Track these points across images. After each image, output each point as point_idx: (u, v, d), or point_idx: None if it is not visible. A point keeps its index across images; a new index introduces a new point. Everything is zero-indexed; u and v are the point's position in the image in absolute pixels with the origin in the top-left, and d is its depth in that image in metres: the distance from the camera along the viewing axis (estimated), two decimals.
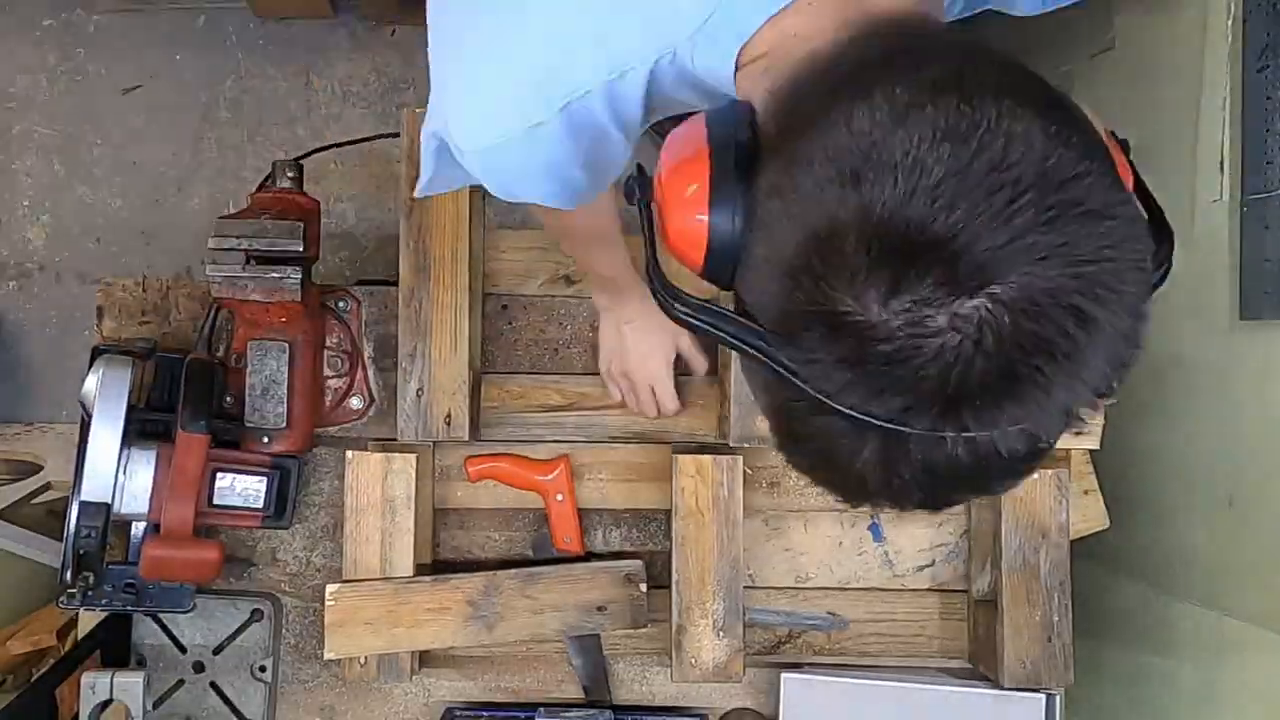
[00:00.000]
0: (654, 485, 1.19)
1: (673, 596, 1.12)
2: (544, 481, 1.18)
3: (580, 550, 1.19)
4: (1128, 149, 0.56)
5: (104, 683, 1.10)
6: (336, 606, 1.11)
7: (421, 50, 0.74)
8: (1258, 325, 1.08)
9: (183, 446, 1.06)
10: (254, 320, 1.11)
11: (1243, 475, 1.11)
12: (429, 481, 1.18)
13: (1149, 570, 1.26)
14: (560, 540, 1.19)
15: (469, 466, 1.18)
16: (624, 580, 1.15)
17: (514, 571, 1.15)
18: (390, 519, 1.11)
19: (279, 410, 1.13)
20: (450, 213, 1.12)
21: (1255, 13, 1.07)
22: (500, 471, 1.18)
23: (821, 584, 1.21)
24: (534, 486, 1.18)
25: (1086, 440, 1.14)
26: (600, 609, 1.14)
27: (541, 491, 1.18)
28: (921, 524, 1.20)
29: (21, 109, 2.14)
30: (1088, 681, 1.21)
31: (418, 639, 1.12)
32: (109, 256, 2.12)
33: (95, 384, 1.05)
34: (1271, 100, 1.05)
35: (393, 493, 1.11)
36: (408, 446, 1.15)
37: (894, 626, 1.20)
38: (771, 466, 1.20)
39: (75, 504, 1.04)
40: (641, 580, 1.15)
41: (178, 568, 1.07)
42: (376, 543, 1.11)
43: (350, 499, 1.12)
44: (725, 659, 1.11)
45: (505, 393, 1.18)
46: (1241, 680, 1.09)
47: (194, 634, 1.19)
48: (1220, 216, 1.12)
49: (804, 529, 1.21)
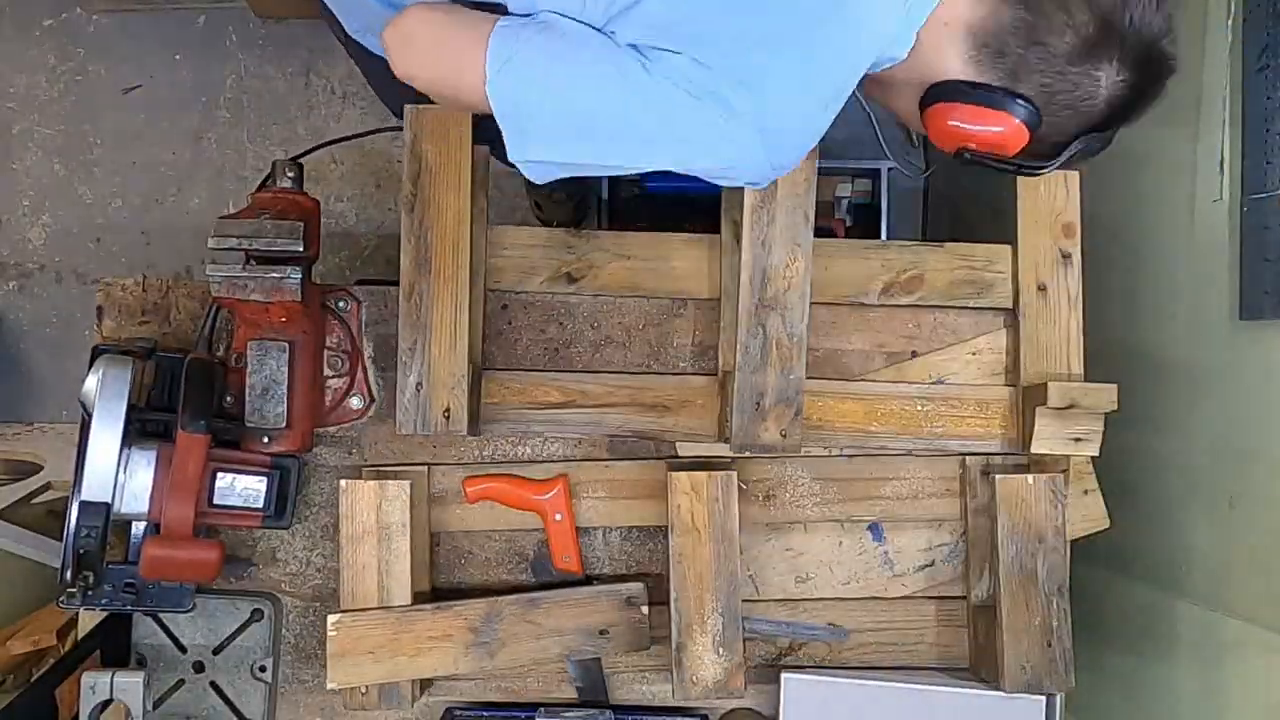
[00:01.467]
0: (651, 502, 1.19)
1: (671, 614, 1.12)
2: (542, 501, 1.17)
3: (579, 569, 1.19)
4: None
5: (104, 683, 1.10)
6: (339, 637, 1.10)
7: None
8: (1258, 325, 1.08)
9: (183, 446, 1.06)
10: (254, 320, 1.11)
11: (1243, 475, 1.11)
12: (424, 506, 1.18)
13: (1149, 570, 1.26)
14: (559, 559, 1.18)
15: (467, 487, 1.18)
16: (625, 603, 1.14)
17: (515, 597, 1.14)
18: (386, 546, 1.11)
19: (279, 410, 1.12)
20: (452, 209, 1.12)
21: (1255, 13, 1.07)
22: (498, 492, 1.18)
23: (822, 587, 1.21)
24: (532, 506, 1.18)
25: (1086, 447, 1.14)
26: (602, 632, 1.14)
27: (540, 511, 1.18)
28: (920, 525, 1.20)
29: (21, 109, 2.14)
30: (1088, 681, 1.21)
31: (420, 667, 1.12)
32: (109, 256, 2.13)
33: (95, 384, 1.05)
34: (1271, 100, 1.05)
35: (388, 519, 1.11)
36: (401, 472, 1.15)
37: (894, 635, 1.20)
38: (767, 479, 1.20)
39: (75, 504, 1.04)
40: (643, 603, 1.14)
41: (178, 567, 1.07)
42: (374, 570, 1.11)
43: (345, 527, 1.11)
44: (725, 675, 1.11)
45: (505, 389, 1.18)
46: (1241, 680, 1.09)
47: (194, 634, 1.19)
48: (1220, 216, 1.13)
49: (804, 530, 1.21)
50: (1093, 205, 1.46)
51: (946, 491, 1.20)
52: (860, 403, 1.18)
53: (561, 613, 1.14)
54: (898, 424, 1.18)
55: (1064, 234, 1.18)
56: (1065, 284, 1.18)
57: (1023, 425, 1.17)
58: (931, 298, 1.20)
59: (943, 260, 1.20)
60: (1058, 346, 1.17)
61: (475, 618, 1.13)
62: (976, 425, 1.19)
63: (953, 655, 1.20)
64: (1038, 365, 1.17)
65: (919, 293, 1.20)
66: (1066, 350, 1.17)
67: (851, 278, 1.20)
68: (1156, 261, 1.26)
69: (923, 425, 1.18)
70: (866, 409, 1.18)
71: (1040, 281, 1.18)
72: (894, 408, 1.18)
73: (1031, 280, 1.18)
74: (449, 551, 1.20)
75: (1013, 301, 1.19)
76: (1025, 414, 1.16)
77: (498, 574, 1.21)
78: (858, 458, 1.19)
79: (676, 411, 1.18)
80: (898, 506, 1.20)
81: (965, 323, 1.21)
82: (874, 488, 1.19)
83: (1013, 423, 1.18)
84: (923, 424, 1.18)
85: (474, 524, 1.20)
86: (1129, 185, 1.31)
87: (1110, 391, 1.12)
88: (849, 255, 1.20)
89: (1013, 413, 1.19)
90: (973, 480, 1.18)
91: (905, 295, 1.20)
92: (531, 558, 1.20)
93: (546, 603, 1.14)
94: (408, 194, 1.12)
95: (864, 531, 1.21)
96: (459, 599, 1.15)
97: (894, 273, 1.20)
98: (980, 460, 1.19)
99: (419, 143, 1.11)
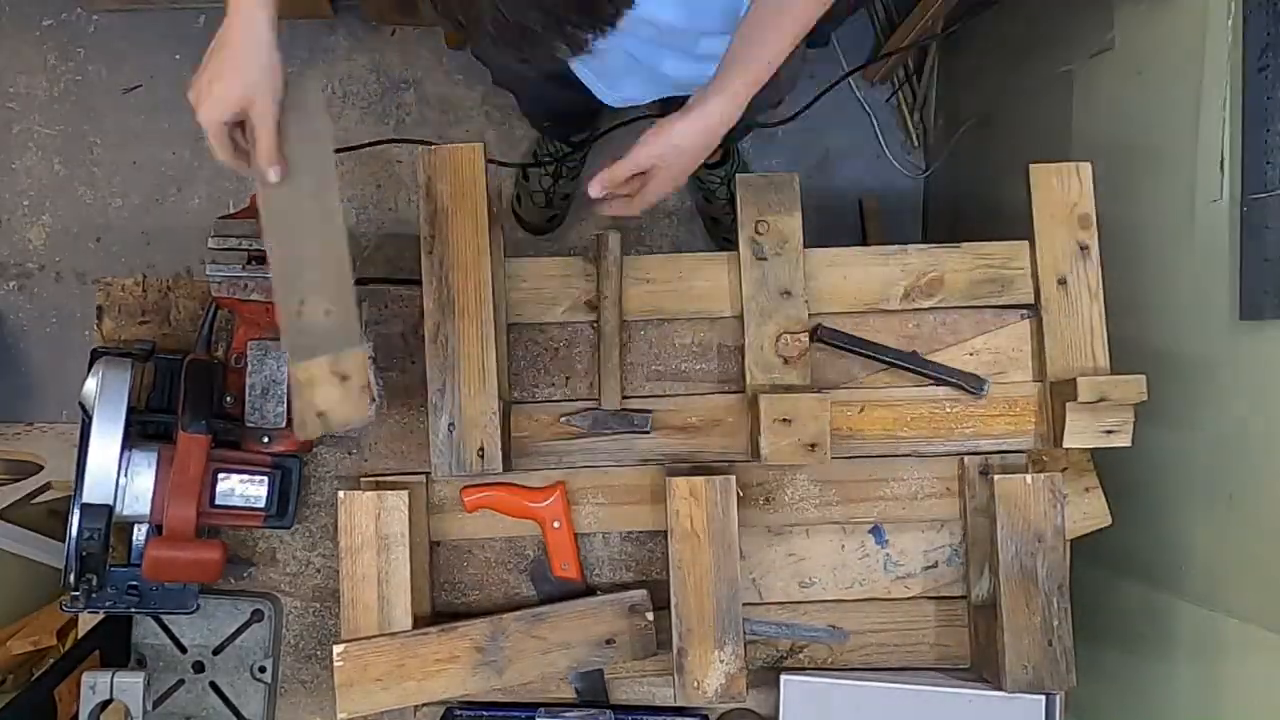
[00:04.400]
0: (649, 508, 1.19)
1: (672, 619, 1.11)
2: (540, 509, 1.17)
3: (578, 576, 1.19)
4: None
5: (104, 682, 1.10)
6: (345, 666, 1.09)
7: (421, 50, 0.74)
8: (1258, 325, 1.08)
9: (183, 448, 1.06)
10: (254, 320, 1.11)
11: (1243, 475, 1.11)
12: (423, 516, 1.17)
13: (1149, 570, 1.26)
14: (558, 567, 1.18)
15: (465, 497, 1.17)
16: (629, 611, 1.14)
17: (519, 613, 1.14)
18: (385, 556, 1.11)
19: (279, 410, 1.13)
20: (471, 246, 1.11)
21: (1255, 13, 1.07)
22: (496, 501, 1.18)
23: (824, 591, 1.21)
24: (530, 514, 1.18)
25: (1118, 439, 1.13)
26: (609, 642, 1.14)
27: (538, 519, 1.18)
28: (921, 527, 1.20)
29: (21, 109, 2.14)
30: (1088, 681, 1.21)
31: (429, 691, 1.11)
32: (109, 256, 2.12)
33: (95, 387, 1.05)
34: (1271, 100, 1.05)
35: (387, 530, 1.11)
36: (399, 482, 1.15)
37: (895, 636, 1.20)
38: (765, 482, 1.19)
39: (77, 507, 1.04)
40: (647, 610, 1.14)
41: (180, 568, 1.07)
42: (373, 580, 1.10)
43: (344, 539, 1.11)
44: (727, 680, 1.10)
45: (534, 422, 1.18)
46: (1241, 680, 1.09)
47: (194, 634, 1.20)
48: (1220, 216, 1.12)
49: (806, 534, 1.21)
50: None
51: (946, 492, 1.20)
52: (889, 409, 1.18)
53: (567, 625, 1.14)
54: (928, 428, 1.18)
55: (1080, 226, 1.17)
56: (1085, 276, 1.17)
57: (1053, 421, 1.17)
58: (953, 299, 1.20)
59: (961, 261, 1.20)
60: (1082, 340, 1.16)
61: (480, 637, 1.12)
62: (1006, 424, 1.18)
63: (954, 655, 1.20)
64: (1064, 360, 1.16)
65: (940, 295, 1.20)
66: (1091, 343, 1.17)
67: (871, 285, 1.20)
68: (1156, 261, 1.26)
69: (953, 428, 1.18)
70: (896, 415, 1.18)
71: (1060, 275, 1.17)
72: (923, 411, 1.18)
73: (1051, 275, 1.17)
74: (449, 559, 1.20)
75: (1034, 297, 1.19)
76: (1055, 410, 1.16)
77: (499, 580, 1.20)
78: (856, 459, 1.19)
79: (707, 432, 1.18)
80: (897, 507, 1.19)
81: (988, 322, 1.21)
82: (873, 489, 1.19)
83: (1043, 419, 1.18)
84: (953, 426, 1.18)
85: (473, 532, 1.20)
86: (1129, 185, 1.31)
87: (1139, 383, 1.10)
88: (867, 263, 1.20)
89: (1042, 409, 1.18)
90: (971, 480, 1.18)
91: (926, 298, 1.20)
92: (530, 567, 1.20)
93: (551, 616, 1.14)
94: (426, 236, 1.11)
95: (866, 535, 1.21)
96: (462, 614, 1.15)
97: (913, 276, 1.20)
98: (979, 460, 1.19)
99: (434, 183, 1.12)
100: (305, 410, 0.95)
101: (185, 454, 1.06)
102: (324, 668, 1.20)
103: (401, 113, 2.13)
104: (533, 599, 1.20)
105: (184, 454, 1.06)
